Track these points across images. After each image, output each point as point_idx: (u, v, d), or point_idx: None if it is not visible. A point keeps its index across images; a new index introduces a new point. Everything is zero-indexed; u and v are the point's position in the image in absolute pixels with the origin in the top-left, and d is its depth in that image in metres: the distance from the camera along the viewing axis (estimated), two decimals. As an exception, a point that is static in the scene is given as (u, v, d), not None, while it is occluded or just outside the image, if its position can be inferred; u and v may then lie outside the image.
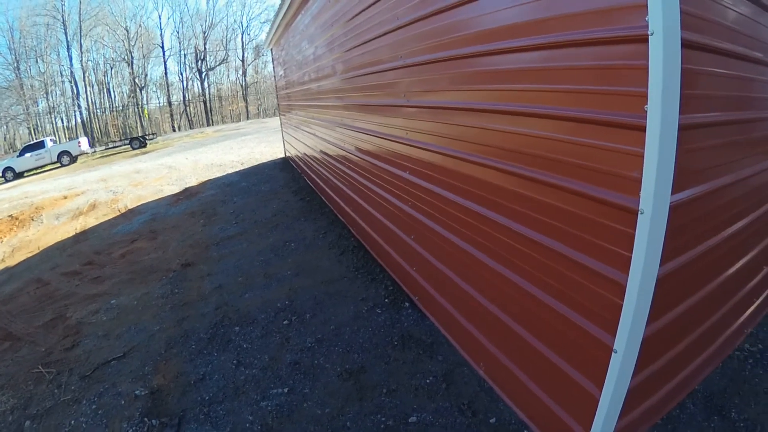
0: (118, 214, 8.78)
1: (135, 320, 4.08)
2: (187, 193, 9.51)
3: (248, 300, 4.06)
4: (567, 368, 1.89)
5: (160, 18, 55.22)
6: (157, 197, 9.64)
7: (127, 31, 50.83)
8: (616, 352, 1.61)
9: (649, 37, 1.35)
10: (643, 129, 1.42)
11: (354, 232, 5.26)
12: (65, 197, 11.30)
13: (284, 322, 3.61)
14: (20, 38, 46.41)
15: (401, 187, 3.55)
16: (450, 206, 2.76)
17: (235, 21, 59.03)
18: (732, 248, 2.21)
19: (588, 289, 1.73)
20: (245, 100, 60.70)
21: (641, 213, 1.46)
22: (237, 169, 11.74)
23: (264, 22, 58.58)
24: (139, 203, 9.34)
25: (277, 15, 8.69)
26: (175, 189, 10.17)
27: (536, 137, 1.91)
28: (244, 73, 60.94)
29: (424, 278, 3.36)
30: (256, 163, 12.42)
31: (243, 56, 60.36)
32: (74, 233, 7.91)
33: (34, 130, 48.15)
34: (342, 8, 4.42)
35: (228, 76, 61.88)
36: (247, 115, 59.40)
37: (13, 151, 40.16)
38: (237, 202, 8.01)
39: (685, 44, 1.39)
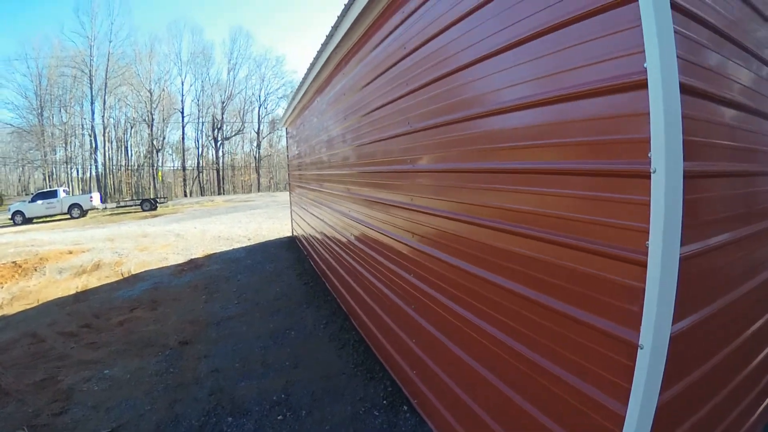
0: (121, 278, 8.82)
1: (127, 395, 4.03)
2: (192, 265, 9.58)
3: (243, 388, 4.02)
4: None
5: (182, 84, 58.12)
6: (161, 265, 9.71)
7: (151, 93, 53.50)
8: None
9: (651, 175, 1.45)
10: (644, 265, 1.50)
11: (356, 325, 5.27)
12: (71, 252, 11.39)
13: (278, 417, 3.56)
14: (47, 86, 48.86)
15: (404, 288, 3.63)
16: (454, 317, 2.80)
17: (253, 94, 61.87)
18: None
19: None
20: (257, 172, 62.26)
21: (641, 348, 1.51)
22: (244, 245, 11.89)
23: (281, 98, 61.77)
24: (143, 269, 9.40)
25: (293, 98, 9.26)
26: (181, 259, 10.26)
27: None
28: (259, 146, 63.13)
29: (424, 383, 3.34)
30: (263, 240, 12.58)
31: (258, 129, 63.03)
32: (75, 291, 7.93)
33: (49, 176, 49.40)
34: (358, 101, 4.73)
35: (242, 147, 64.28)
36: (259, 186, 60.69)
37: (26, 194, 40.96)
38: (241, 280, 8.06)
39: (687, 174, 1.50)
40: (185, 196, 54.25)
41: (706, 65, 1.76)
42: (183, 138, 58.33)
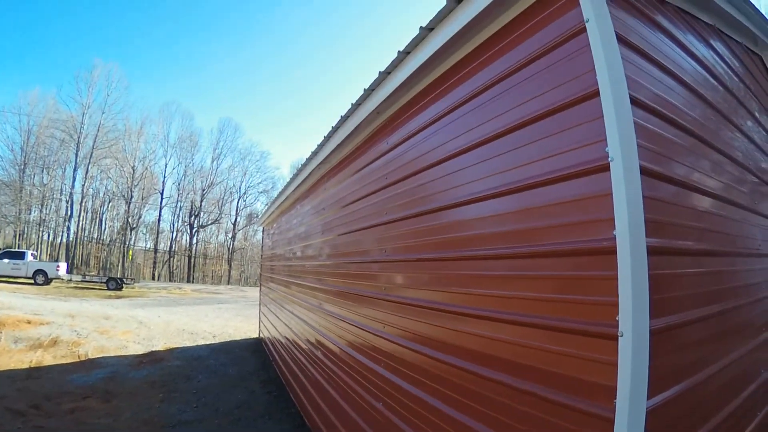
0: (77, 360, 8.49)
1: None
2: (152, 358, 9.27)
3: (195, 506, 3.83)
4: None
5: (165, 166, 58.84)
6: (120, 353, 9.39)
7: (134, 170, 53.68)
8: None
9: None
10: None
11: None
12: (29, 322, 10.94)
13: None
14: (35, 144, 48.90)
15: (371, 415, 3.55)
16: None
17: (234, 185, 62.87)
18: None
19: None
20: (229, 264, 61.50)
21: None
22: (208, 342, 11.58)
23: (261, 192, 62.91)
24: (101, 354, 9.06)
25: (273, 202, 9.52)
26: (141, 349, 9.93)
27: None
28: (233, 237, 63.00)
29: None
30: (229, 339, 12.28)
31: (235, 220, 63.27)
32: (29, 366, 7.64)
33: (19, 235, 48.00)
34: (335, 219, 4.97)
35: (217, 237, 64.04)
36: (229, 278, 59.69)
37: (-6, 248, 39.52)
38: (201, 382, 7.81)
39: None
40: (153, 279, 52.83)
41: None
42: (159, 219, 58.14)
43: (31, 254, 26.37)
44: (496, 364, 2.16)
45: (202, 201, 59.88)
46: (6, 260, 24.33)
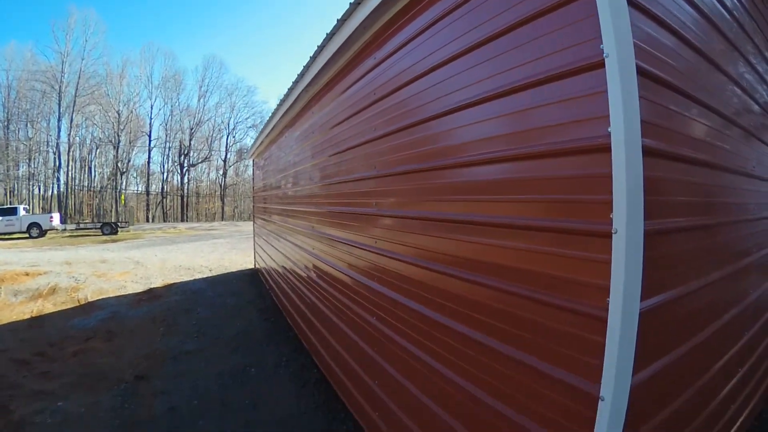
0: (78, 305, 8.59)
1: (80, 430, 3.97)
2: (151, 295, 9.42)
3: (202, 428, 4.01)
4: None
5: (151, 108, 57.87)
6: (119, 293, 9.50)
7: (119, 114, 52.88)
8: None
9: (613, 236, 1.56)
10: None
11: (318, 363, 5.28)
12: (27, 274, 11.02)
13: (237, 459, 3.54)
14: (16, 99, 47.92)
15: (366, 330, 3.66)
16: (416, 361, 2.85)
17: (222, 122, 62.08)
18: None
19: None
20: (222, 201, 61.63)
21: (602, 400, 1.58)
22: (205, 275, 11.75)
23: (250, 127, 62.36)
24: (100, 297, 9.18)
25: (262, 131, 9.41)
26: (139, 288, 10.06)
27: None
28: (225, 174, 62.77)
29: (387, 425, 3.32)
30: (225, 272, 12.46)
31: (226, 157, 62.85)
32: (30, 316, 7.70)
33: (10, 192, 47.69)
34: (328, 140, 4.89)
35: (208, 174, 63.79)
36: (223, 215, 59.95)
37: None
38: (201, 314, 7.98)
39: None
40: (147, 221, 53.06)
41: (669, 127, 1.93)
42: (149, 162, 57.69)
43: (24, 209, 26.32)
44: (487, 270, 2.20)
45: (191, 140, 59.31)
46: None
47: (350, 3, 3.44)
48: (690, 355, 2.11)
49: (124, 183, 54.96)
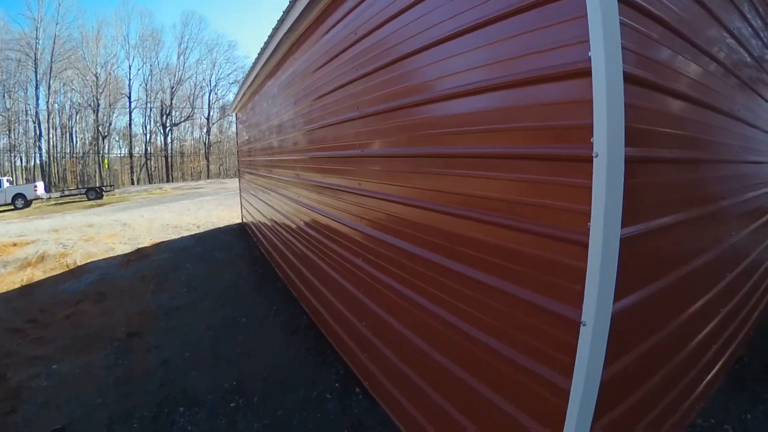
0: (67, 270, 8.58)
1: (76, 390, 4.04)
2: (139, 255, 9.41)
3: (195, 378, 4.08)
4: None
5: (130, 68, 56.49)
6: (107, 255, 9.48)
7: (97, 77, 51.39)
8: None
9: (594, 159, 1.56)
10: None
11: (307, 311, 5.38)
12: (15, 244, 10.95)
13: (231, 405, 3.65)
14: None
15: (353, 272, 3.71)
16: (401, 298, 2.90)
17: (203, 79, 60.52)
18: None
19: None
20: (207, 159, 60.90)
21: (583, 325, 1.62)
22: (192, 233, 11.73)
23: (232, 83, 60.57)
24: (89, 260, 9.16)
25: (243, 83, 9.20)
26: (127, 249, 10.04)
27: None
28: (208, 132, 61.76)
29: (375, 365, 3.43)
30: (213, 228, 12.45)
31: (208, 115, 61.61)
32: (20, 285, 7.69)
33: (-9, 165, 46.58)
34: (309, 85, 4.79)
35: (192, 134, 62.59)
36: (208, 174, 59.37)
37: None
38: (189, 270, 8.01)
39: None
40: (132, 184, 52.47)
41: (652, 57, 1.90)
42: (130, 124, 56.37)
43: (7, 180, 25.76)
44: (472, 203, 2.20)
45: (172, 99, 58.00)
46: None
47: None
48: (671, 289, 2.14)
49: (106, 147, 53.90)
